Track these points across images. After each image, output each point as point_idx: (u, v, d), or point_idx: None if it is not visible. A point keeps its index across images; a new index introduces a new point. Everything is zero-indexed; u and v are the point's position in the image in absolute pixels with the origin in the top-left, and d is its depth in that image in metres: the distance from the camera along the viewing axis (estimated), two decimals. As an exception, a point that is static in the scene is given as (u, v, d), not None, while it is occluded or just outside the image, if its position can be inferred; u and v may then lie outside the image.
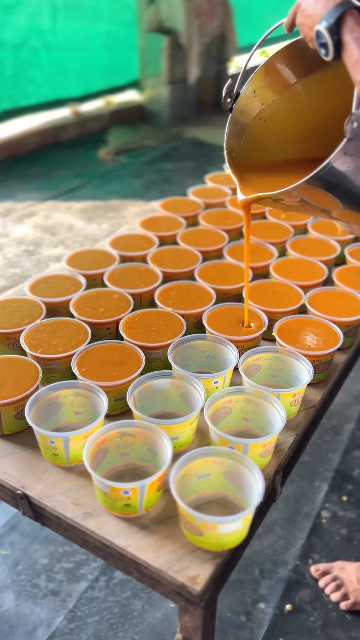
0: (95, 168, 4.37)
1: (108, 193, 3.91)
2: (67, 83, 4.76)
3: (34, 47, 4.36)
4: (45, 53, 4.44)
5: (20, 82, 4.41)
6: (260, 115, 1.07)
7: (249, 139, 1.09)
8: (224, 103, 1.06)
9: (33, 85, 4.51)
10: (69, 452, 0.92)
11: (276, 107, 1.07)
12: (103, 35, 4.83)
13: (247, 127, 1.08)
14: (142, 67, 5.17)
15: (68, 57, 4.63)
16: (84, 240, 3.25)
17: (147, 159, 4.56)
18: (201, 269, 1.39)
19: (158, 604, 1.46)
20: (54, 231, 3.35)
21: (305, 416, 1.08)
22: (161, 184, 4.08)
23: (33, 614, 1.44)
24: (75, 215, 3.56)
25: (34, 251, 3.12)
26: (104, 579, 1.52)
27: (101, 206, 3.69)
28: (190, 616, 0.83)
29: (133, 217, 3.53)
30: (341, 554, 1.60)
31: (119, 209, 3.66)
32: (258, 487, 0.82)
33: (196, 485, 0.88)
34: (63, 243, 3.21)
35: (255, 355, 1.10)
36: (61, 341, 1.12)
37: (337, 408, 2.12)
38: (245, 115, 1.07)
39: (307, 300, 1.27)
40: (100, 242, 1.68)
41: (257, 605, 1.47)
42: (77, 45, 4.66)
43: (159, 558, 0.81)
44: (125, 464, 0.94)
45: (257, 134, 1.08)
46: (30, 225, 3.42)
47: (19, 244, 3.19)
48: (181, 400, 1.04)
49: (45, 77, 4.55)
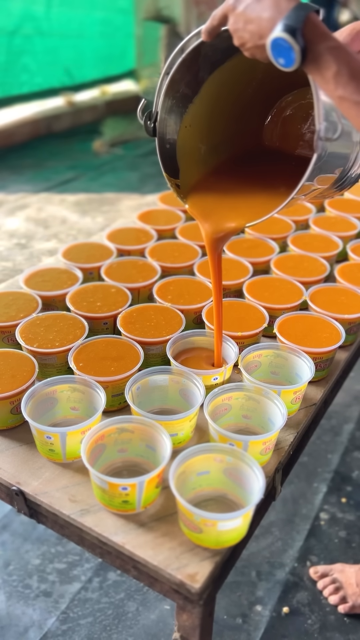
0: (90, 160, 4.37)
1: (103, 186, 3.92)
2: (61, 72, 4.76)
3: (28, 34, 4.36)
4: (39, 40, 4.45)
5: (13, 70, 4.41)
6: (184, 123, 1.04)
7: (182, 153, 1.05)
8: (145, 127, 0.99)
9: (26, 74, 4.51)
10: (66, 448, 0.93)
11: (194, 111, 1.04)
12: (99, 22, 4.84)
13: (175, 142, 1.04)
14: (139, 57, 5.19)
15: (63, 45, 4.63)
16: (77, 234, 3.25)
17: (144, 151, 4.57)
18: (200, 263, 1.41)
19: (153, 605, 1.48)
20: (46, 224, 3.35)
21: (305, 414, 1.09)
22: (158, 177, 4.08)
23: (25, 615, 1.45)
24: (69, 208, 3.56)
25: (26, 244, 3.12)
26: (98, 580, 1.53)
27: (96, 199, 3.70)
28: (189, 615, 0.84)
29: (128, 210, 3.54)
30: (340, 556, 1.62)
31: (114, 202, 3.67)
32: (259, 484, 0.83)
33: (195, 482, 0.90)
34: (56, 237, 3.22)
35: (256, 352, 1.11)
36: (58, 335, 1.13)
37: (336, 408, 2.14)
38: (170, 132, 1.03)
39: (308, 297, 1.29)
40: (96, 235, 1.70)
41: (254, 607, 1.48)
42: (72, 33, 4.67)
43: (157, 555, 0.83)
44: (123, 461, 0.95)
45: (187, 143, 1.05)
46: (22, 218, 3.42)
47: (11, 237, 3.19)
48: (180, 397, 1.05)
49: (39, 66, 4.56)
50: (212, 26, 0.84)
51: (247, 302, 1.27)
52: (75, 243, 1.49)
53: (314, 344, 1.14)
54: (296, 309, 1.28)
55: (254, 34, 0.76)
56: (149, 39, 5.03)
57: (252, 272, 1.38)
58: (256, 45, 0.77)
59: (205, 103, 1.04)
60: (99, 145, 4.59)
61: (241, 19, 0.77)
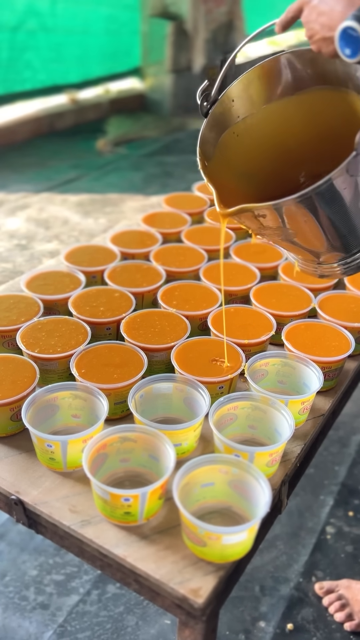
0: (93, 159, 4.39)
1: (106, 186, 3.93)
2: (65, 68, 4.79)
3: (32, 29, 4.38)
4: (43, 36, 4.47)
5: (16, 66, 4.43)
6: (234, 129, 1.06)
7: (221, 151, 1.07)
8: (200, 107, 1.04)
9: (29, 70, 4.53)
10: (66, 456, 0.94)
11: (251, 123, 1.06)
12: (104, 19, 4.86)
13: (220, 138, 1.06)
14: (145, 54, 5.20)
15: (67, 41, 4.65)
16: (79, 235, 3.26)
17: (148, 151, 4.58)
18: (206, 268, 1.41)
19: (153, 620, 1.47)
20: (48, 225, 3.36)
21: (313, 425, 1.09)
22: (162, 178, 4.10)
23: (21, 628, 1.45)
24: (71, 209, 3.57)
25: (26, 245, 3.13)
26: (96, 592, 1.53)
27: (98, 200, 3.71)
28: (191, 631, 0.84)
29: (132, 212, 3.55)
30: (346, 571, 1.61)
31: (118, 203, 3.68)
32: (265, 497, 0.83)
33: (199, 494, 0.90)
34: (57, 238, 3.22)
35: (263, 360, 1.12)
36: (60, 341, 1.13)
37: (344, 419, 2.14)
38: (219, 125, 1.06)
39: (317, 304, 1.29)
40: (99, 238, 1.70)
41: (257, 623, 1.48)
42: (77, 29, 4.68)
43: (159, 569, 0.83)
44: (126, 471, 0.95)
45: (229, 148, 1.07)
46: (23, 218, 3.43)
47: (11, 238, 3.20)
48: (184, 406, 1.05)
49: (42, 62, 4.58)
50: (286, 18, 0.90)
51: (254, 308, 1.27)
52: (78, 245, 1.50)
53: (323, 352, 1.14)
54: (304, 316, 1.28)
55: (325, 25, 0.83)
56: (155, 36, 5.05)
57: (259, 278, 1.38)
58: (324, 37, 0.84)
59: (265, 126, 1.05)
60: (102, 144, 4.61)
61: (314, 11, 0.84)
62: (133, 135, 4.83)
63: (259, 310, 1.26)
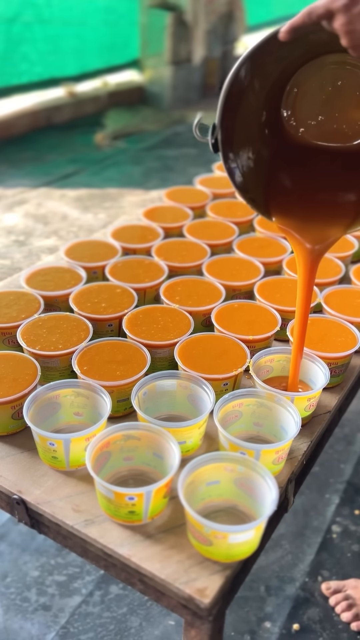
0: (91, 153, 4.38)
1: (105, 180, 3.93)
2: (62, 61, 4.78)
3: (28, 21, 4.37)
4: (39, 28, 4.46)
5: (12, 59, 4.42)
6: None
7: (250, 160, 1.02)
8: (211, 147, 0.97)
9: (25, 63, 4.52)
10: (69, 455, 0.94)
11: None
12: (102, 10, 4.85)
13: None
14: (143, 46, 5.19)
15: (64, 33, 4.64)
16: (78, 230, 3.26)
17: (147, 145, 4.57)
18: (209, 263, 1.41)
19: (157, 621, 1.48)
20: (46, 220, 3.36)
21: (320, 422, 1.09)
22: (162, 172, 4.09)
23: (22, 630, 1.45)
24: (70, 204, 3.57)
25: (24, 241, 3.13)
26: (99, 593, 1.54)
27: (97, 194, 3.71)
28: (197, 631, 0.84)
29: (131, 207, 3.55)
30: (353, 571, 1.62)
31: (117, 198, 3.68)
32: (271, 495, 0.83)
33: (205, 492, 0.90)
34: (56, 233, 3.22)
35: (268, 357, 1.11)
36: (61, 337, 1.13)
37: (349, 416, 2.14)
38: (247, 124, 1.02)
39: (322, 299, 1.29)
40: (100, 232, 1.70)
41: (263, 624, 1.48)
42: (74, 21, 4.67)
43: (165, 569, 0.83)
44: (129, 469, 0.95)
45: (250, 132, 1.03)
46: (21, 214, 3.43)
47: (9, 234, 3.20)
48: (188, 403, 1.05)
49: (39, 54, 4.57)
50: (303, 22, 0.81)
51: (258, 304, 1.27)
52: (78, 241, 1.49)
53: (329, 348, 1.14)
54: (310, 311, 1.28)
55: None
56: (154, 27, 5.04)
57: (263, 273, 1.38)
58: None
59: None
60: (101, 138, 4.60)
61: (359, 20, 0.76)
62: (132, 129, 4.82)
63: (263, 305, 1.26)
